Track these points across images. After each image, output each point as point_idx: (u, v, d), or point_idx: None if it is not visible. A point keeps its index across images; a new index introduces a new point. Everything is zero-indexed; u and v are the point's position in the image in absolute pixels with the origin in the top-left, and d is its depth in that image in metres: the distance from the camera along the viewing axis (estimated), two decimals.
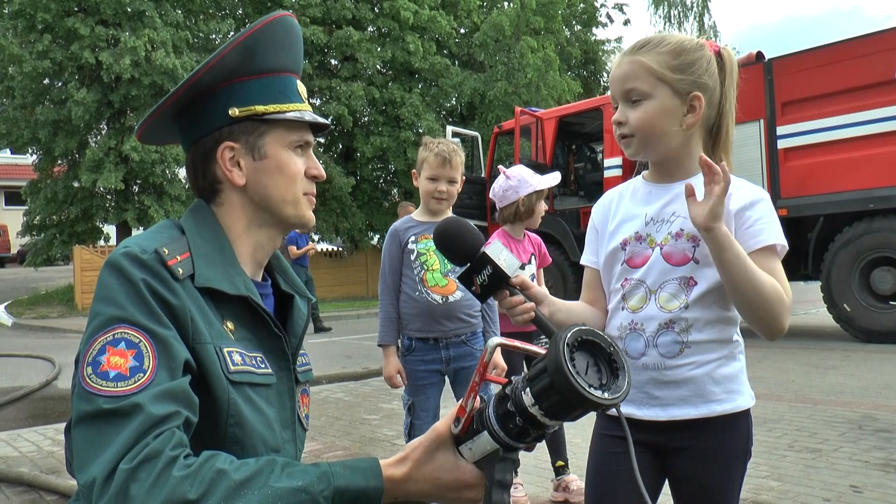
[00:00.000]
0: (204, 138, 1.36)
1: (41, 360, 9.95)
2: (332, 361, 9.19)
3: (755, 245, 1.57)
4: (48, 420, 6.19)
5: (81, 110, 18.24)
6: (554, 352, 1.11)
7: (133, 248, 1.20)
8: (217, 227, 1.36)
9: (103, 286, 1.17)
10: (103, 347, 1.10)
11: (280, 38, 1.37)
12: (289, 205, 1.38)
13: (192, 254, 1.26)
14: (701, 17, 31.75)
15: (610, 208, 1.80)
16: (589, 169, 13.54)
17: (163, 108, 1.36)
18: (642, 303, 1.65)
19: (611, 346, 1.21)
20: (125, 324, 1.11)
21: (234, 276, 1.30)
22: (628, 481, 1.65)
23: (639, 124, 1.61)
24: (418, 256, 3.21)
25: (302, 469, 1.03)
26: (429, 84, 23.85)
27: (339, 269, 22.58)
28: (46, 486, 3.98)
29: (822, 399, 5.81)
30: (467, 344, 3.22)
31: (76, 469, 1.05)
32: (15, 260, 33.42)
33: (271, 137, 1.36)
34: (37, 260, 21.13)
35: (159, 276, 1.18)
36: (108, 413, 1.04)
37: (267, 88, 1.35)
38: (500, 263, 1.45)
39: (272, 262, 1.49)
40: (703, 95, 1.61)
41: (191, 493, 0.97)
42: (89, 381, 1.07)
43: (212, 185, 1.38)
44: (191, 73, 1.32)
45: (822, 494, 3.57)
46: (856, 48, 8.91)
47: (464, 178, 3.30)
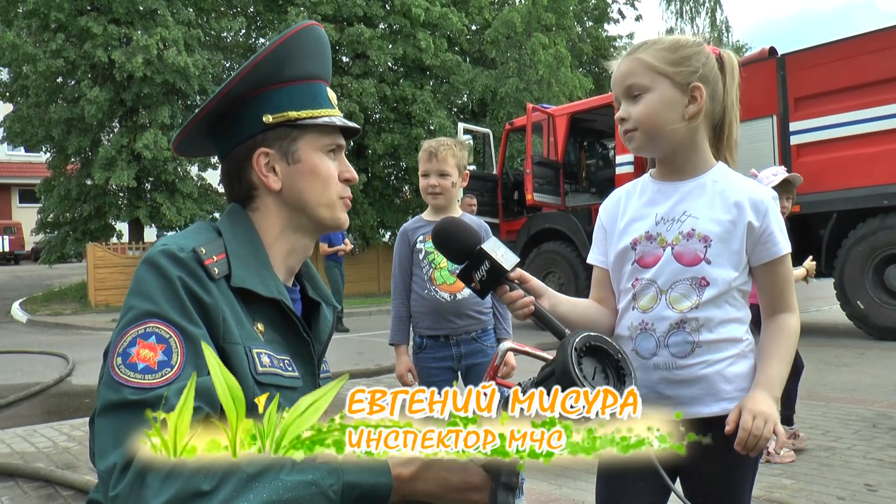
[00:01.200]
0: (238, 146, 1.40)
1: (55, 357, 10.01)
2: (344, 358, 9.21)
3: (771, 256, 1.63)
4: (63, 416, 6.23)
5: (94, 108, 18.35)
6: (562, 356, 1.11)
7: (171, 246, 1.24)
8: (252, 231, 1.39)
9: (139, 281, 1.20)
10: (134, 340, 1.14)
11: (309, 47, 1.41)
12: (324, 207, 1.42)
13: (229, 255, 1.30)
14: (713, 12, 31.61)
15: (618, 207, 1.80)
16: (601, 165, 13.52)
17: (198, 118, 1.40)
18: (653, 303, 1.65)
19: (618, 353, 1.22)
20: (157, 319, 1.15)
21: (268, 279, 1.34)
22: (638, 482, 1.66)
23: (640, 117, 1.62)
24: (426, 255, 3.25)
25: (312, 464, 1.05)
26: (440, 81, 23.84)
27: (350, 266, 22.52)
28: (62, 482, 4.02)
29: (836, 397, 5.79)
30: (478, 341, 3.24)
31: (97, 455, 1.08)
32: (29, 257, 33.64)
33: (304, 142, 1.40)
34: (51, 257, 21.27)
35: (195, 274, 1.22)
36: (133, 403, 1.07)
37: (298, 95, 1.39)
38: (496, 258, 1.47)
39: (301, 269, 1.52)
40: (705, 87, 1.61)
41: (204, 484, 0.99)
42: (118, 370, 1.11)
43: (248, 191, 1.42)
44: (223, 84, 1.36)
45: (837, 493, 3.56)
46: (870, 43, 8.85)
47: (467, 172, 3.30)
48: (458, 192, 3.29)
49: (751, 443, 1.49)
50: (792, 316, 1.67)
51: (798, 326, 1.67)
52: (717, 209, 1.62)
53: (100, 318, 16.03)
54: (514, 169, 14.35)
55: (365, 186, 22.02)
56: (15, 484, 4.12)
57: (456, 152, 3.21)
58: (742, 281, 1.63)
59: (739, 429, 1.50)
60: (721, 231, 1.60)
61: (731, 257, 1.61)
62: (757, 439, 1.49)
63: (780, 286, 1.66)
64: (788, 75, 9.38)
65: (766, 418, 1.49)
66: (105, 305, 18.11)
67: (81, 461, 4.54)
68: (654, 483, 1.66)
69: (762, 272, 1.65)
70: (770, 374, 1.59)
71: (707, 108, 1.63)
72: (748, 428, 1.49)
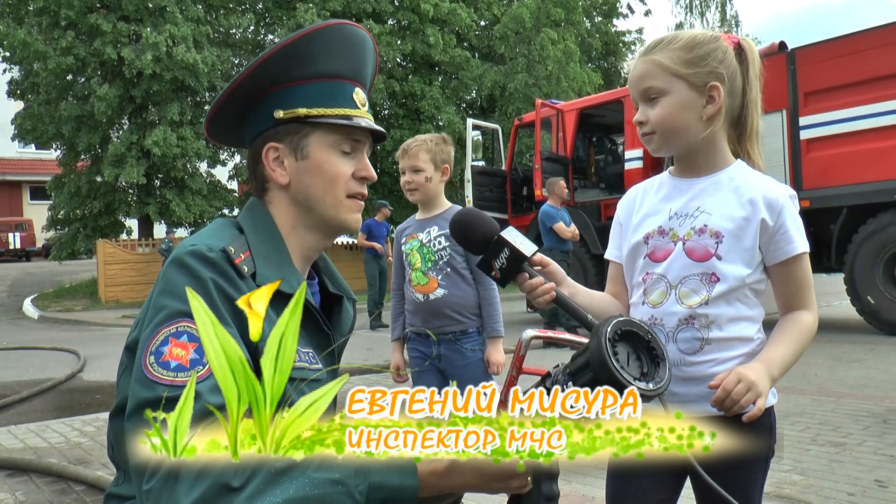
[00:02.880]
0: (256, 140, 1.44)
1: (66, 353, 10.08)
2: (353, 354, 9.23)
3: (786, 255, 1.60)
4: (74, 412, 6.27)
5: (104, 105, 18.45)
6: (597, 347, 1.10)
7: (200, 246, 1.26)
8: (272, 226, 1.42)
9: (170, 282, 1.23)
10: (166, 339, 1.16)
11: (334, 45, 1.42)
12: (329, 206, 1.44)
13: (252, 252, 1.33)
14: (723, 6, 31.41)
15: (635, 203, 1.79)
16: (610, 161, 13.48)
17: (215, 108, 1.44)
18: (662, 297, 1.64)
19: (648, 334, 1.21)
20: (189, 318, 1.16)
21: (290, 274, 1.36)
22: (648, 480, 1.65)
23: (658, 120, 1.61)
24: (407, 256, 3.34)
25: (342, 462, 1.04)
26: (449, 77, 23.82)
27: (359, 262, 22.58)
28: (75, 477, 4.04)
29: (846, 392, 5.76)
30: (457, 343, 3.27)
31: (130, 452, 1.08)
32: (40, 254, 33.81)
33: (314, 139, 1.42)
34: (61, 254, 21.41)
35: (227, 275, 1.25)
36: (168, 401, 1.09)
37: (315, 92, 1.40)
38: (516, 245, 1.47)
39: (319, 264, 1.55)
40: (722, 85, 1.60)
41: (234, 480, 1.00)
42: (151, 369, 1.14)
43: (261, 183, 1.46)
44: (233, 78, 1.39)
45: (847, 489, 3.54)
46: (880, 37, 8.77)
47: (447, 167, 3.30)
48: (438, 186, 3.31)
49: (726, 404, 1.46)
50: (808, 314, 1.63)
51: (815, 325, 1.63)
52: (731, 206, 1.61)
53: (110, 314, 16.12)
54: (523, 164, 14.33)
55: (374, 182, 22.01)
56: (28, 479, 4.15)
57: (430, 147, 3.24)
58: (755, 279, 1.62)
59: (720, 388, 1.47)
60: (733, 227, 1.59)
61: (743, 254, 1.59)
62: (733, 403, 1.46)
63: (796, 285, 1.63)
64: (798, 70, 9.32)
65: (751, 386, 1.46)
66: (115, 301, 18.21)
67: (93, 456, 4.57)
68: (663, 481, 1.66)
69: (777, 271, 1.62)
70: (772, 355, 1.56)
71: (726, 105, 1.62)
72: (729, 389, 1.46)
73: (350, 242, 23.51)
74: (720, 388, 1.47)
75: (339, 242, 23.50)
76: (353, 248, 23.10)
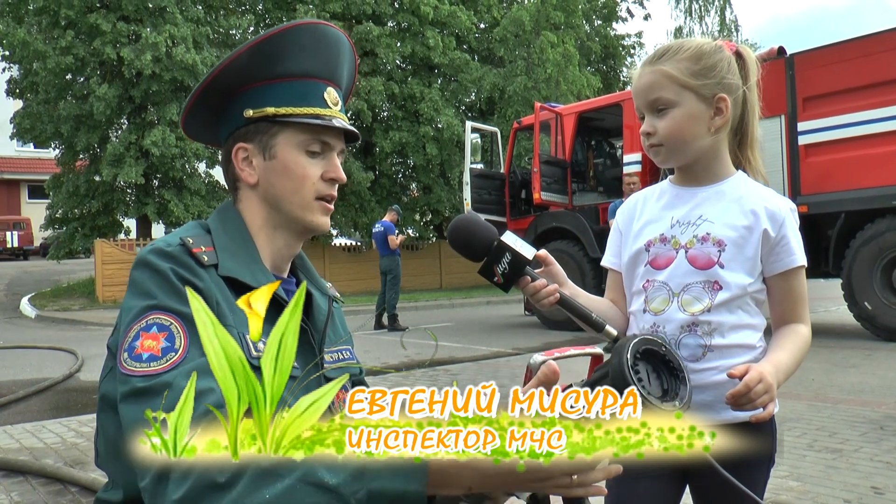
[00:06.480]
0: (227, 139, 1.44)
1: (64, 353, 10.06)
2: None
3: (785, 266, 1.61)
4: (71, 412, 6.26)
5: (103, 105, 18.45)
6: (619, 367, 1.09)
7: (158, 243, 1.28)
8: (242, 226, 1.42)
9: (133, 283, 1.24)
10: (137, 334, 1.17)
11: (306, 45, 1.40)
12: (296, 207, 1.42)
13: (216, 248, 1.33)
14: (722, 10, 31.39)
15: (635, 210, 1.79)
16: (608, 164, 13.52)
17: (188, 106, 1.43)
18: (664, 305, 1.63)
19: (662, 347, 1.20)
20: (156, 310, 1.18)
21: (257, 271, 1.36)
22: (649, 482, 1.65)
23: (667, 133, 1.60)
24: None
25: (341, 463, 0.96)
26: (448, 79, 23.85)
27: (357, 263, 22.66)
28: (69, 479, 4.03)
29: (843, 398, 5.76)
30: None
31: (123, 451, 1.07)
32: (38, 253, 33.77)
33: (283, 138, 1.40)
34: (59, 253, 21.39)
35: (185, 264, 1.25)
36: (142, 391, 1.10)
37: (285, 92, 1.39)
38: (517, 249, 1.47)
39: (296, 262, 1.54)
40: (729, 97, 1.60)
41: (219, 476, 0.98)
42: (125, 364, 1.14)
43: (233, 182, 1.46)
44: (203, 76, 1.39)
45: (843, 495, 3.54)
46: (879, 43, 8.79)
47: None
48: None
49: (742, 401, 1.44)
50: (804, 327, 1.64)
51: (810, 339, 1.64)
52: (734, 215, 1.61)
53: (107, 313, 16.09)
54: (522, 167, 14.35)
55: (372, 184, 22.04)
56: (24, 479, 4.14)
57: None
58: (756, 288, 1.62)
59: (742, 383, 1.44)
60: (736, 236, 1.59)
61: (745, 263, 1.59)
62: (749, 401, 1.44)
63: (793, 298, 1.64)
64: (797, 75, 9.33)
65: (769, 389, 1.45)
66: (113, 301, 18.18)
67: (89, 457, 4.56)
68: (665, 484, 1.67)
69: (775, 283, 1.63)
70: (777, 360, 1.55)
71: (730, 115, 1.62)
72: (751, 386, 1.43)
73: (350, 244, 23.54)
74: (742, 384, 1.44)
75: (338, 244, 23.54)
76: (352, 250, 23.14)
